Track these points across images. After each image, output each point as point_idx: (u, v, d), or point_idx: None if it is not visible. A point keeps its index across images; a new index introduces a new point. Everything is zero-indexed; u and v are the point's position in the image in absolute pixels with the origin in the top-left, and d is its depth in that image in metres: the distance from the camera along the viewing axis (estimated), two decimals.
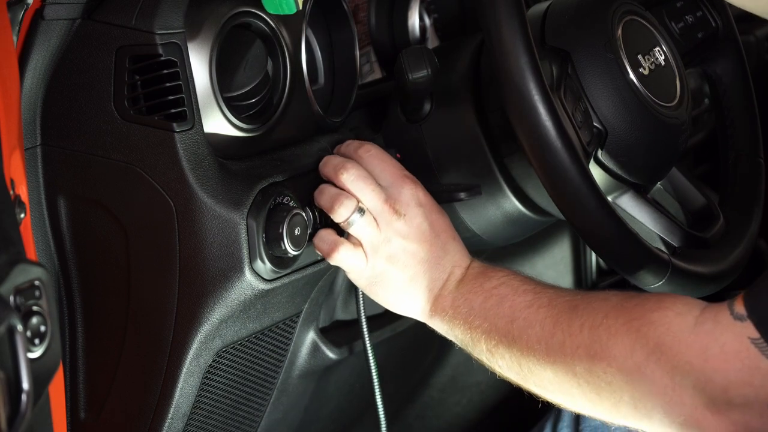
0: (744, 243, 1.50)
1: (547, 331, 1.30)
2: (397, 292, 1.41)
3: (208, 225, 1.33)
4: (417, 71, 1.44)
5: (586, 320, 1.27)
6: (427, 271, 1.40)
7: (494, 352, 1.35)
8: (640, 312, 1.23)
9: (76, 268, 1.39)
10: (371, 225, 1.40)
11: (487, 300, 1.36)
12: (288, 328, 1.51)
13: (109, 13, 1.33)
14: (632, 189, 1.47)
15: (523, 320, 1.32)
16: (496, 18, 1.29)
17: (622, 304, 1.26)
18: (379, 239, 1.40)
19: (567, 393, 1.29)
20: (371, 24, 1.67)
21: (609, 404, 1.25)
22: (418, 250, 1.40)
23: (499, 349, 1.34)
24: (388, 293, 1.41)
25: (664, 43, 1.49)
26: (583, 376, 1.26)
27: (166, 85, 1.32)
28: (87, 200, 1.36)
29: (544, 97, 1.29)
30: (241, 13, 1.39)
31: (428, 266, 1.41)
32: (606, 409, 1.26)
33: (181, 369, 1.37)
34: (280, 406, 1.57)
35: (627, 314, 1.24)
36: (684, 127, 1.48)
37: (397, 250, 1.40)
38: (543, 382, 1.31)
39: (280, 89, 1.44)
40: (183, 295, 1.35)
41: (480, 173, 1.50)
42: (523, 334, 1.32)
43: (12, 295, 0.98)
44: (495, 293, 1.36)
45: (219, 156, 1.35)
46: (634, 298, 1.26)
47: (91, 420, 1.42)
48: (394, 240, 1.40)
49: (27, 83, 1.34)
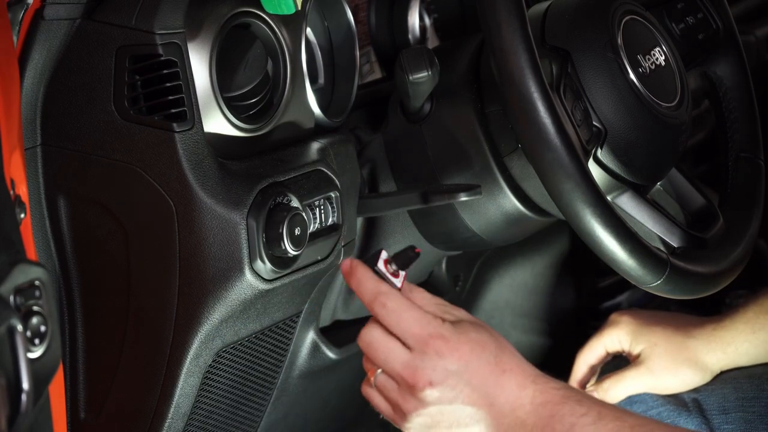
0: (743, 243, 1.50)
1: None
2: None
3: (208, 225, 1.33)
4: (417, 71, 1.44)
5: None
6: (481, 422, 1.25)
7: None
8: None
9: (76, 268, 1.39)
10: (393, 391, 1.26)
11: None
12: (288, 328, 1.51)
13: (109, 13, 1.33)
14: (631, 189, 1.47)
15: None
16: (496, 18, 1.29)
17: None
18: (402, 406, 1.26)
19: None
20: (371, 24, 1.67)
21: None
22: (455, 409, 1.24)
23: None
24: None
25: (664, 44, 1.49)
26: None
27: (166, 85, 1.32)
28: (87, 200, 1.36)
29: (544, 96, 1.29)
30: (241, 13, 1.39)
31: (478, 420, 1.25)
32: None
33: (181, 369, 1.37)
34: (280, 406, 1.57)
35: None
36: (684, 127, 1.48)
37: (429, 419, 1.25)
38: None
39: (280, 89, 1.44)
40: (183, 295, 1.35)
41: (480, 173, 1.50)
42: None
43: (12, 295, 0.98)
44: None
45: (219, 156, 1.35)
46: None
47: (91, 420, 1.42)
48: (416, 416, 1.25)
49: (27, 83, 1.34)
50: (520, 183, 1.50)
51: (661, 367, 1.54)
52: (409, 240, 1.59)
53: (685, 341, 1.55)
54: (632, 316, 1.59)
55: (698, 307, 1.80)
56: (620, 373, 1.55)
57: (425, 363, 1.24)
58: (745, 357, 1.55)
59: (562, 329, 2.15)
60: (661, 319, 1.59)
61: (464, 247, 1.61)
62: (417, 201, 1.48)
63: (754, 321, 1.55)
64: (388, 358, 1.25)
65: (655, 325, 1.57)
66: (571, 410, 1.22)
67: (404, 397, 1.25)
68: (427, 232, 1.59)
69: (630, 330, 1.57)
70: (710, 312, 1.64)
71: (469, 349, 1.24)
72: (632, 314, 1.59)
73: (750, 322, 1.55)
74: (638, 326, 1.57)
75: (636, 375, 1.54)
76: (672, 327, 1.56)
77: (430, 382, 1.23)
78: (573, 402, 1.23)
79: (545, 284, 2.11)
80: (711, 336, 1.55)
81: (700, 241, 1.47)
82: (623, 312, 1.60)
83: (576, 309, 2.18)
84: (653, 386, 1.54)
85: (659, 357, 1.54)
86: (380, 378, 1.26)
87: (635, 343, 1.56)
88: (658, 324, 1.57)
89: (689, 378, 1.54)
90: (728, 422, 1.51)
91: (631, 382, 1.54)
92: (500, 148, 1.49)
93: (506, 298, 2.02)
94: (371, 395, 1.29)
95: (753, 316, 1.55)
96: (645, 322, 1.57)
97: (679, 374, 1.54)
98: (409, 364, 1.24)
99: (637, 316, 1.59)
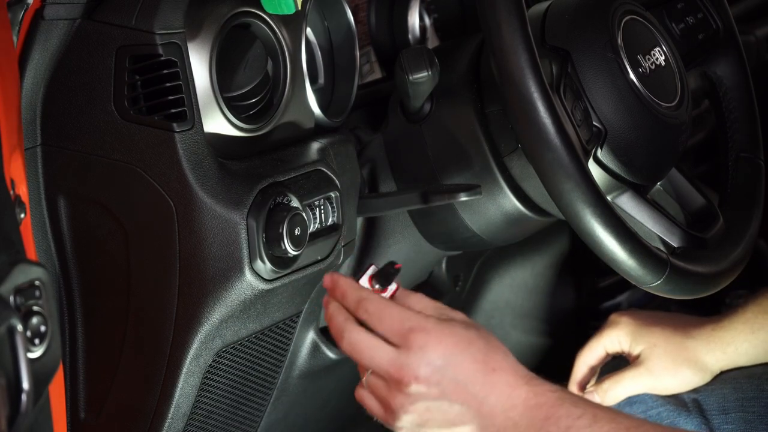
0: (743, 244, 1.50)
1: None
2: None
3: (208, 225, 1.33)
4: (417, 71, 1.44)
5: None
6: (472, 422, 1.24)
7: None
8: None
9: (76, 268, 1.39)
10: (382, 389, 1.26)
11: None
12: (288, 328, 1.51)
13: (109, 13, 1.33)
14: (631, 189, 1.47)
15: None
16: (496, 18, 1.29)
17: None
18: (392, 404, 1.25)
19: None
20: (371, 24, 1.67)
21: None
22: (442, 406, 1.24)
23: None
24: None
25: (664, 44, 1.49)
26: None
27: (166, 85, 1.32)
28: (87, 200, 1.36)
29: (544, 96, 1.29)
30: (241, 13, 1.39)
31: (468, 419, 1.24)
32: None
33: (181, 369, 1.37)
34: (280, 406, 1.57)
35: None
36: (684, 127, 1.48)
37: (418, 417, 1.24)
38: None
39: (280, 89, 1.44)
40: (183, 295, 1.35)
41: (480, 173, 1.50)
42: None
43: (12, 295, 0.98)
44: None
45: (219, 156, 1.35)
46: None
47: (91, 420, 1.42)
48: (404, 413, 1.24)
49: (27, 83, 1.34)
50: (520, 183, 1.50)
51: (660, 368, 1.54)
52: (409, 240, 1.59)
53: (684, 341, 1.55)
54: (631, 317, 1.58)
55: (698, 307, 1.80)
56: (620, 374, 1.55)
57: (410, 358, 1.22)
58: (744, 357, 1.55)
59: (562, 329, 2.15)
60: (661, 319, 1.58)
61: (464, 247, 1.61)
62: (417, 201, 1.48)
63: (753, 321, 1.55)
64: (374, 357, 1.24)
65: (654, 325, 1.57)
66: (567, 412, 1.21)
67: (392, 393, 1.24)
68: (427, 232, 1.59)
69: (629, 331, 1.57)
70: (710, 312, 1.64)
71: (453, 343, 1.23)
72: (631, 315, 1.59)
73: (749, 322, 1.55)
74: (637, 327, 1.57)
75: (635, 375, 1.54)
76: (671, 327, 1.56)
77: (416, 377, 1.22)
78: (569, 404, 1.22)
79: (545, 284, 2.11)
80: (710, 336, 1.55)
81: (700, 241, 1.47)
82: (622, 313, 1.60)
83: (576, 309, 2.18)
84: (653, 387, 1.54)
85: (659, 357, 1.54)
86: (370, 378, 1.26)
87: (635, 344, 1.56)
88: (658, 324, 1.57)
89: (689, 378, 1.54)
90: (728, 422, 1.50)
91: (630, 382, 1.54)
92: (500, 148, 1.49)
93: (506, 298, 2.02)
94: (363, 397, 1.28)
95: (752, 316, 1.55)
96: (644, 322, 1.57)
97: (679, 374, 1.54)
98: (395, 361, 1.23)
99: (636, 316, 1.59)
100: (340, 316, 1.27)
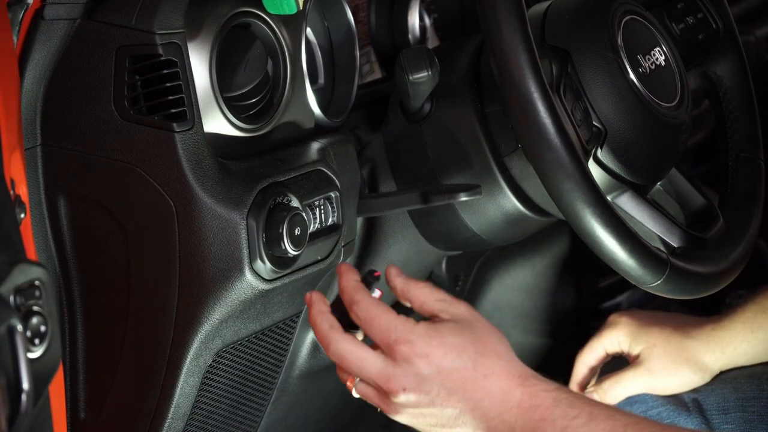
0: (743, 244, 1.50)
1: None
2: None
3: (208, 225, 1.33)
4: (417, 71, 1.44)
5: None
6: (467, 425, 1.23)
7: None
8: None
9: (76, 268, 1.39)
10: (375, 397, 1.25)
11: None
12: (288, 328, 1.51)
13: (109, 13, 1.33)
14: (631, 189, 1.47)
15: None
16: (496, 18, 1.29)
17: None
18: (385, 409, 1.25)
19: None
20: (371, 24, 1.67)
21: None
22: (434, 411, 1.23)
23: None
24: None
25: (664, 44, 1.49)
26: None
27: (166, 85, 1.32)
28: (87, 200, 1.36)
29: (544, 96, 1.29)
30: (241, 13, 1.39)
31: (462, 422, 1.23)
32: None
33: (181, 369, 1.37)
34: (280, 406, 1.57)
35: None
36: (684, 127, 1.49)
37: (412, 418, 1.24)
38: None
39: (280, 89, 1.44)
40: (183, 295, 1.35)
41: (480, 173, 1.50)
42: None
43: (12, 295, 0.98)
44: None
45: (219, 156, 1.35)
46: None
47: (91, 420, 1.42)
48: (398, 415, 1.24)
49: (27, 83, 1.34)
50: (520, 183, 1.50)
51: (660, 368, 1.54)
52: (409, 240, 1.59)
53: (684, 341, 1.55)
54: (631, 317, 1.59)
55: (698, 307, 1.80)
56: (620, 374, 1.55)
57: (396, 370, 1.22)
58: (744, 356, 1.55)
59: (563, 329, 2.15)
60: (660, 319, 1.59)
61: (464, 247, 1.61)
62: (417, 201, 1.48)
63: (752, 320, 1.55)
64: (362, 368, 1.23)
65: (653, 325, 1.57)
66: (563, 413, 1.20)
67: (384, 401, 1.24)
68: (427, 232, 1.59)
69: (629, 331, 1.57)
70: (710, 312, 1.64)
71: (441, 354, 1.21)
72: (631, 315, 1.59)
73: (748, 322, 1.55)
74: (637, 327, 1.57)
75: (635, 375, 1.54)
76: (671, 327, 1.56)
77: (404, 388, 1.21)
78: (564, 405, 1.21)
79: (545, 284, 2.11)
80: (710, 336, 1.55)
81: (700, 241, 1.47)
82: (622, 313, 1.60)
83: (576, 309, 2.18)
84: (653, 387, 1.54)
85: (658, 357, 1.54)
86: (360, 386, 1.25)
87: (634, 344, 1.56)
88: (657, 324, 1.57)
89: (688, 378, 1.54)
90: (728, 422, 1.51)
91: (630, 382, 1.54)
92: (500, 148, 1.49)
93: (506, 298, 2.02)
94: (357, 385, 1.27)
95: (751, 316, 1.55)
96: (644, 322, 1.57)
97: (679, 374, 1.54)
98: (382, 372, 1.22)
99: (635, 316, 1.59)
100: (325, 324, 1.25)
